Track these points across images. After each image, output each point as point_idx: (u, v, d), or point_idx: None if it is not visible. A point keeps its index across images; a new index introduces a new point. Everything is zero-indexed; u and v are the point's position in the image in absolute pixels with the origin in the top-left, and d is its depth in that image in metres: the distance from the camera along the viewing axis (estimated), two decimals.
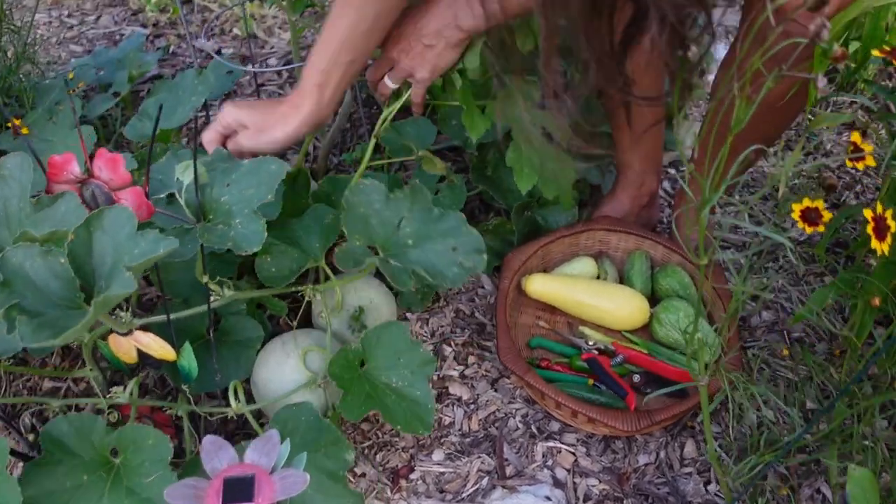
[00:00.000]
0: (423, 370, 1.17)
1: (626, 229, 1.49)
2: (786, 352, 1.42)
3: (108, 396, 1.13)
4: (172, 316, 1.11)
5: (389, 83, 1.25)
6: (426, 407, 1.15)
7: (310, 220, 1.22)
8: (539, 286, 1.40)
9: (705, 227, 1.57)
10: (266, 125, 1.21)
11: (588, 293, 1.39)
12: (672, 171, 1.87)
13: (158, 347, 1.10)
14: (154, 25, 2.36)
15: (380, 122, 1.29)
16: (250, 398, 1.29)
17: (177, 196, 0.99)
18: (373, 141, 1.30)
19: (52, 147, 1.53)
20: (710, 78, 2.17)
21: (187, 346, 1.13)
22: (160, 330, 1.08)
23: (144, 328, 1.09)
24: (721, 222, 1.70)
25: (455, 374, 1.38)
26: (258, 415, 1.29)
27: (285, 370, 1.20)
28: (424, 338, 1.43)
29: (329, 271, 1.25)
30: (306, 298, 1.25)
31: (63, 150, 1.17)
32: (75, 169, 1.02)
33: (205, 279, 1.04)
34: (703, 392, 0.99)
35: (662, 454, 1.29)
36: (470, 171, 1.52)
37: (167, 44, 2.25)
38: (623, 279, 1.48)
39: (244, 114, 1.22)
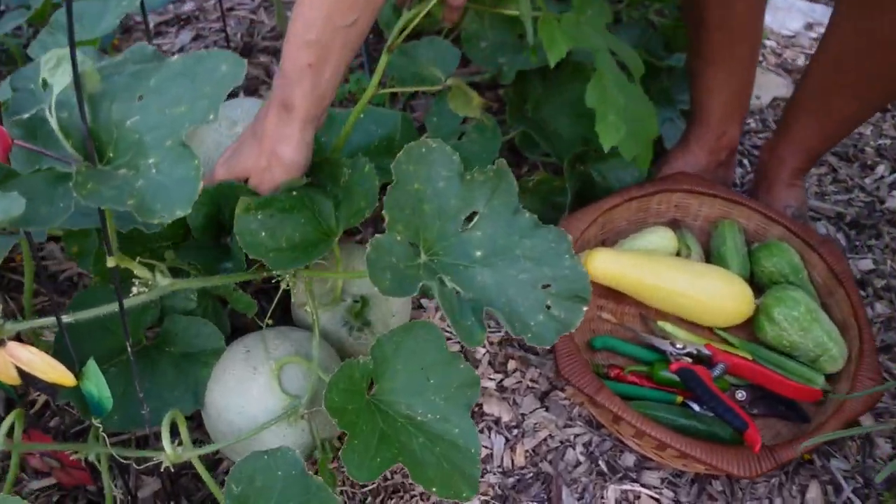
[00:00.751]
0: (462, 396, 0.73)
1: (712, 191, 1.05)
2: None
3: None
4: (82, 315, 0.66)
5: None
6: (469, 453, 0.71)
7: (325, 176, 0.77)
8: (605, 265, 0.96)
9: (804, 199, 1.13)
10: (265, 158, 0.74)
11: (675, 277, 0.95)
12: None
13: (46, 367, 0.65)
14: None
15: (396, 30, 0.82)
16: (200, 427, 0.83)
17: (47, 116, 0.51)
18: (385, 58, 0.83)
19: None
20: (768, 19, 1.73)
21: (92, 367, 0.67)
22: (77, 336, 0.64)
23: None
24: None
25: (491, 385, 0.94)
26: (214, 452, 0.84)
27: (251, 393, 0.75)
28: (448, 334, 0.97)
29: (337, 252, 0.79)
30: (282, 286, 0.79)
31: None
32: None
33: (112, 262, 0.57)
34: None
35: (778, 502, 0.87)
36: (506, 111, 1.06)
37: None
38: (710, 257, 1.04)
39: (235, 165, 0.76)
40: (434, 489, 0.66)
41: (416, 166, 0.71)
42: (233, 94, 1.23)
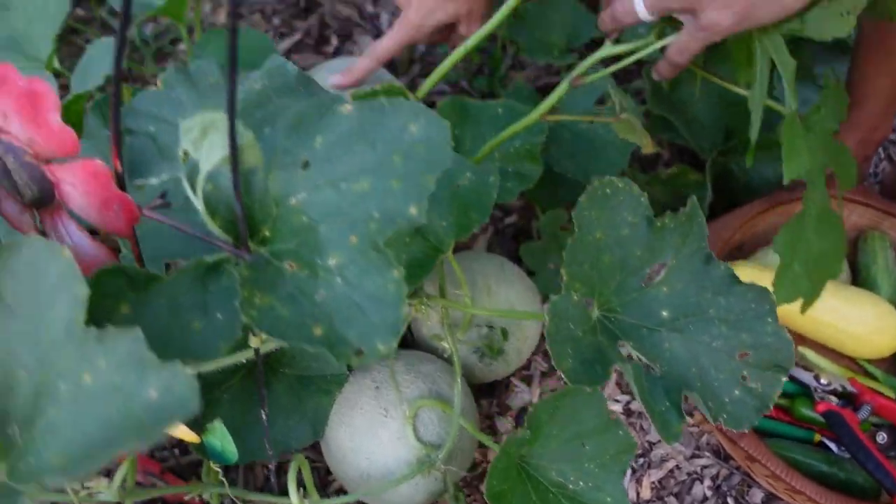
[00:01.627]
0: (617, 463, 0.60)
1: (864, 199, 0.87)
2: None
3: (83, 490, 0.57)
4: (202, 367, 0.52)
5: (641, 11, 0.59)
6: None
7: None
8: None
9: None
10: None
11: (823, 303, 0.79)
12: None
13: None
14: None
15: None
16: (313, 447, 0.72)
17: (185, 188, 0.36)
18: (564, 87, 0.63)
19: None
20: None
21: (218, 426, 0.55)
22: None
23: None
24: None
25: (618, 408, 0.81)
26: (326, 469, 0.73)
27: (382, 438, 0.63)
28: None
29: (457, 266, 0.64)
30: (413, 313, 0.65)
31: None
32: None
33: (256, 343, 0.44)
34: None
35: None
36: (646, 93, 0.86)
37: None
38: (856, 274, 0.88)
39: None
40: None
41: (598, 212, 0.55)
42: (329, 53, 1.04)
